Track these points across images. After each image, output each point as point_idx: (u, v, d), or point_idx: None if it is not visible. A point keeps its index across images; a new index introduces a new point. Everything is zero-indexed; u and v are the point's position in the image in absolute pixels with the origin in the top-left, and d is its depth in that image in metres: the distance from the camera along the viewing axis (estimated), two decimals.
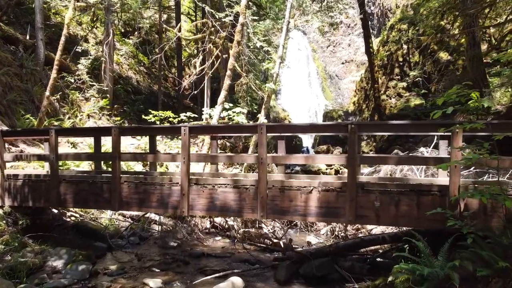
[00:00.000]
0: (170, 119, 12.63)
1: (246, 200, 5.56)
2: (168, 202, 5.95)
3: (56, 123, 13.71)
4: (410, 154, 5.60)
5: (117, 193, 6.14)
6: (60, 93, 15.33)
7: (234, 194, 5.62)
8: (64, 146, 13.08)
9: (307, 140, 33.45)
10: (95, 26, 22.86)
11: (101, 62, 17.72)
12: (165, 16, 30.24)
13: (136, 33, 26.52)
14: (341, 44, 47.47)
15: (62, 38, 12.78)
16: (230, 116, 14.02)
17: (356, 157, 5.08)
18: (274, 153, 8.11)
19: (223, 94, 13.36)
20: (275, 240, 7.37)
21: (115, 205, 6.19)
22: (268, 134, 5.56)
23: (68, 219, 8.27)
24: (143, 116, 14.58)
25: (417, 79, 16.55)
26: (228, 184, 5.67)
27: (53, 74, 12.66)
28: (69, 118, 15.01)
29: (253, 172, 10.68)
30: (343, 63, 46.75)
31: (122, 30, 27.96)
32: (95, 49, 20.79)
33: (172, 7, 25.84)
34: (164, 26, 22.41)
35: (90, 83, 16.87)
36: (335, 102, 43.38)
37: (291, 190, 5.37)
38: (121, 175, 6.25)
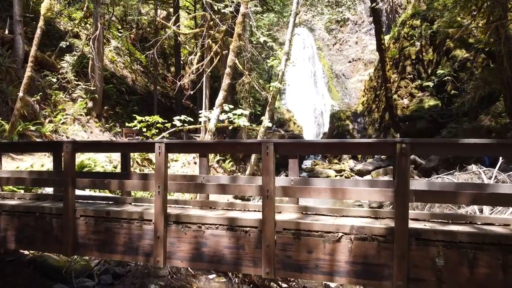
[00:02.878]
0: (158, 125, 10.93)
1: (245, 248, 3.92)
2: (138, 246, 4.32)
3: (33, 128, 12.12)
4: (489, 188, 4.01)
5: (70, 231, 4.51)
6: (41, 93, 13.73)
7: (228, 239, 3.98)
8: (44, 157, 11.43)
9: None
10: (88, 23, 21.23)
11: (90, 60, 16.12)
12: (164, 13, 28.65)
13: (133, 30, 24.93)
14: (348, 42, 45.65)
15: (38, 31, 11.19)
16: (230, 119, 12.39)
17: (408, 192, 3.41)
18: (283, 173, 6.50)
19: (221, 94, 11.73)
20: (284, 286, 5.73)
21: (68, 248, 4.56)
22: (277, 154, 3.90)
23: (27, 252, 6.66)
24: (126, 124, 12.79)
25: (445, 78, 14.67)
26: (220, 225, 4.03)
27: (27, 72, 11.06)
28: (50, 121, 13.40)
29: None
30: (350, 62, 44.93)
31: (119, 27, 26.36)
32: (88, 45, 19.17)
33: (170, 1, 24.20)
34: (162, 21, 20.75)
35: (76, 82, 15.26)
36: (342, 102, 41.63)
37: (310, 237, 3.73)
38: (76, 207, 4.62)
